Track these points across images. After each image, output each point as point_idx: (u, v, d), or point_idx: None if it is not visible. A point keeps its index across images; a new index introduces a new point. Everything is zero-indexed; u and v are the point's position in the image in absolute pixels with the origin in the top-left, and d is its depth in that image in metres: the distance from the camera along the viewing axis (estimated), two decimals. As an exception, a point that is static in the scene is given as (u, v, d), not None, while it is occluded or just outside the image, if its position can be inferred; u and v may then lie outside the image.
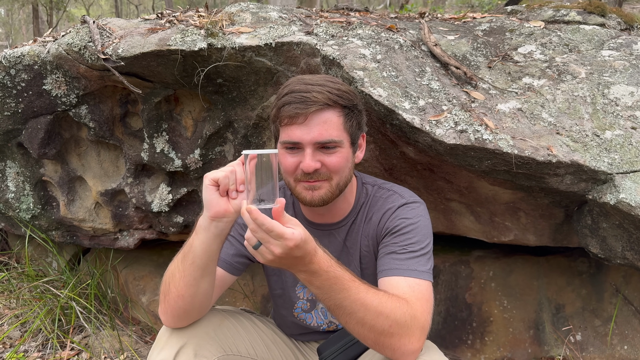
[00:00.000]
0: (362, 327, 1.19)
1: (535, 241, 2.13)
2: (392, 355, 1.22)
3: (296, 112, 1.32)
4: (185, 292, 1.31)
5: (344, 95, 1.37)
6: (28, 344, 2.43)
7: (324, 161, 1.35)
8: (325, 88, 1.35)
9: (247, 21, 2.05)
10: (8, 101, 2.16)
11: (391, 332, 1.18)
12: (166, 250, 2.81)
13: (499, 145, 1.65)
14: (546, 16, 2.30)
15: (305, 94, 1.33)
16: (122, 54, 1.92)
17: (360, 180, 1.56)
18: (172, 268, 1.35)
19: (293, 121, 1.33)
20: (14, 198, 2.43)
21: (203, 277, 1.31)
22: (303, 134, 1.33)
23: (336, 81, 1.41)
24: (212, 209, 1.22)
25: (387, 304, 1.19)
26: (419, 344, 1.22)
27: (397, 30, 2.08)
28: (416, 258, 1.34)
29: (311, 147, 1.33)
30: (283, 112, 1.34)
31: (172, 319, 1.37)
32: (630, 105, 1.81)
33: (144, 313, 2.65)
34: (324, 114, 1.34)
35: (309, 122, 1.33)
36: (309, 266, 1.15)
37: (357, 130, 1.43)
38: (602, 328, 2.27)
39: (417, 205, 1.46)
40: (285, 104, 1.34)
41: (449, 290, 2.40)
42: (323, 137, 1.33)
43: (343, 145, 1.37)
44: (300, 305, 1.63)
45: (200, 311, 1.40)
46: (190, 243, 1.29)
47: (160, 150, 2.20)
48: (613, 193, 1.61)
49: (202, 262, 1.28)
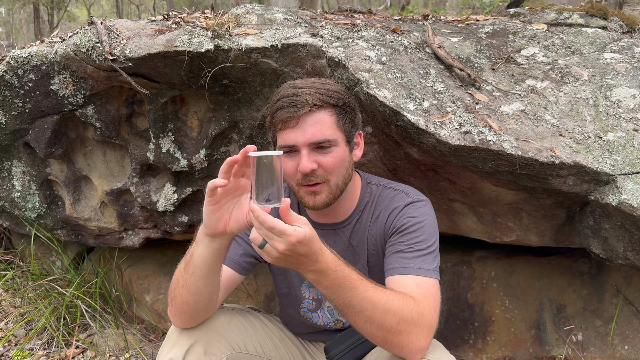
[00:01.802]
0: (371, 325, 1.21)
1: (537, 242, 2.15)
2: (400, 352, 1.23)
3: (288, 116, 1.36)
4: (188, 299, 1.34)
5: (334, 95, 1.40)
6: (33, 342, 2.45)
7: (320, 162, 1.37)
8: (315, 90, 1.38)
9: (253, 23, 2.07)
10: (15, 101, 2.18)
11: (399, 329, 1.20)
12: (170, 250, 2.82)
13: (502, 146, 1.67)
14: (549, 19, 2.32)
15: (296, 98, 1.36)
16: (130, 55, 1.94)
17: (365, 180, 1.58)
18: (176, 274, 1.37)
19: (286, 125, 1.37)
20: (20, 197, 2.44)
21: (205, 286, 1.33)
22: (297, 137, 1.36)
23: (326, 82, 1.44)
24: (209, 228, 1.24)
25: (394, 302, 1.21)
26: (427, 341, 1.23)
27: (402, 32, 2.11)
28: (423, 256, 1.36)
29: (307, 149, 1.36)
30: (276, 117, 1.38)
31: (180, 321, 1.41)
32: (632, 108, 1.83)
33: (148, 312, 2.67)
34: (315, 115, 1.37)
35: (301, 124, 1.36)
36: (316, 265, 1.16)
37: (351, 128, 1.45)
38: (603, 328, 2.29)
39: (424, 204, 1.48)
40: (278, 110, 1.38)
41: (451, 290, 2.42)
42: (317, 138, 1.36)
43: (338, 144, 1.40)
44: (306, 304, 1.64)
45: (206, 313, 1.42)
46: (191, 252, 1.32)
47: (166, 150, 2.22)
48: (615, 194, 1.63)
49: (203, 273, 1.30)
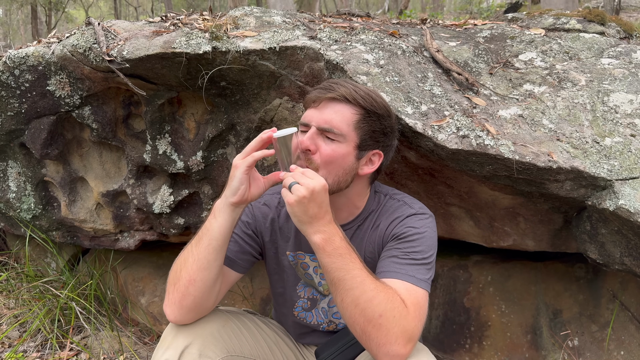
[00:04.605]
0: (355, 308, 1.22)
1: (534, 246, 2.15)
2: (376, 351, 1.21)
3: (317, 96, 1.41)
4: (197, 276, 1.34)
5: (367, 99, 1.40)
6: (27, 344, 2.43)
7: (320, 147, 1.38)
8: (352, 86, 1.41)
9: (251, 25, 2.07)
10: (11, 101, 2.17)
11: (380, 322, 1.19)
12: (166, 252, 2.81)
13: (500, 150, 1.67)
14: (546, 24, 2.33)
15: (332, 84, 1.42)
16: (127, 56, 1.93)
17: (374, 188, 1.57)
18: (183, 255, 1.38)
19: (311, 105, 1.42)
20: (15, 198, 2.43)
21: (216, 259, 1.35)
22: (314, 116, 1.40)
23: (372, 90, 1.46)
24: (238, 196, 1.32)
25: (383, 293, 1.22)
26: (405, 349, 1.20)
27: (400, 36, 2.11)
28: (417, 266, 1.34)
29: (315, 129, 1.38)
30: (308, 97, 1.44)
31: (178, 310, 1.37)
32: (630, 113, 1.84)
33: (143, 314, 2.66)
34: (339, 105, 1.39)
35: (322, 107, 1.40)
36: (328, 226, 1.26)
37: (369, 139, 1.43)
38: (599, 333, 2.29)
39: (426, 217, 1.46)
40: (313, 91, 1.44)
41: (447, 294, 2.42)
42: (327, 124, 1.38)
43: (344, 141, 1.38)
44: (301, 304, 1.64)
45: (207, 305, 1.40)
46: (207, 227, 1.36)
47: (163, 152, 2.22)
48: (612, 199, 1.63)
49: (218, 244, 1.34)
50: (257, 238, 1.59)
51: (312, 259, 1.57)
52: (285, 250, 1.60)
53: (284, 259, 1.61)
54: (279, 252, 1.61)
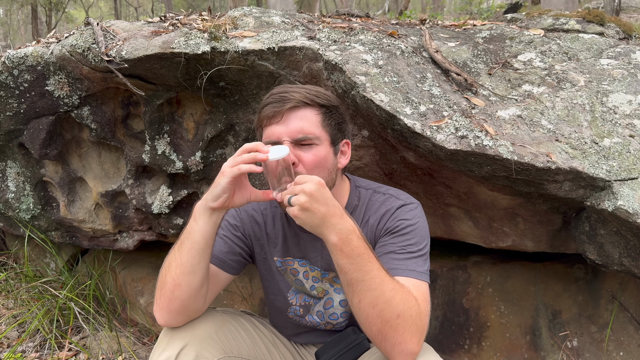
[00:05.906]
0: (373, 309, 1.21)
1: (533, 247, 2.14)
2: (391, 351, 1.22)
3: (274, 111, 1.37)
4: (182, 280, 1.33)
5: (321, 96, 1.42)
6: (26, 345, 2.43)
7: (301, 158, 1.37)
8: (303, 89, 1.41)
9: (250, 25, 2.07)
10: (10, 101, 2.17)
11: (397, 323, 1.19)
12: (165, 252, 2.76)
13: (499, 151, 1.67)
14: (546, 24, 2.33)
15: (283, 94, 1.39)
16: (126, 56, 1.93)
17: (354, 183, 1.57)
18: (167, 260, 1.38)
19: (272, 121, 1.38)
20: (14, 198, 2.43)
21: (199, 262, 1.33)
22: (281, 131, 1.37)
23: (317, 87, 1.46)
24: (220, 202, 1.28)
25: (400, 293, 1.21)
26: (418, 347, 1.22)
27: (399, 36, 2.10)
28: (414, 259, 1.35)
29: (289, 143, 1.37)
30: (262, 113, 1.40)
31: (167, 314, 1.36)
32: (629, 114, 1.83)
33: (142, 315, 2.66)
34: (301, 111, 1.38)
35: (285, 119, 1.37)
36: (344, 223, 1.23)
37: (337, 132, 1.45)
38: (598, 334, 2.29)
39: (415, 207, 1.47)
40: (265, 106, 1.40)
41: (447, 295, 2.42)
42: (299, 133, 1.37)
43: (320, 143, 1.39)
44: (294, 311, 1.63)
45: (195, 307, 1.39)
46: (188, 231, 1.34)
47: (162, 152, 2.21)
48: (611, 200, 1.63)
49: (200, 247, 1.32)
50: (247, 240, 1.58)
51: (301, 264, 1.57)
52: (273, 256, 1.59)
53: (272, 265, 1.61)
54: (268, 258, 1.61)
